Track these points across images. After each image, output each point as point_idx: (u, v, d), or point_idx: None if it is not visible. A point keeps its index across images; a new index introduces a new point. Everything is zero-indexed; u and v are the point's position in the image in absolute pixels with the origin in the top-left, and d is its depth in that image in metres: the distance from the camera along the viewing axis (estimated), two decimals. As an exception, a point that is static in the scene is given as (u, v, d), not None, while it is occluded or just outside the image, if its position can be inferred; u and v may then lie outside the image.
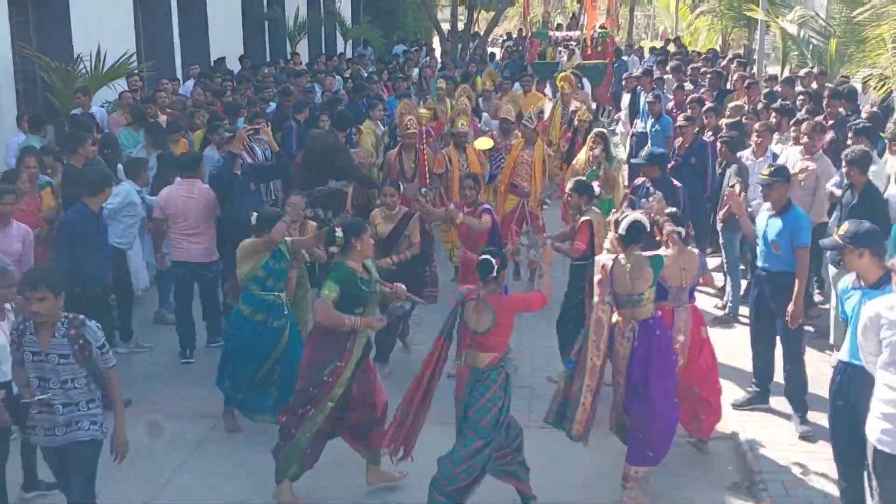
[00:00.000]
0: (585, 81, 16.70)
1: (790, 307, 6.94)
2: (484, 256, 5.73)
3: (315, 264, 8.01)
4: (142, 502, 6.15)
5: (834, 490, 5.99)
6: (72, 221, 7.43)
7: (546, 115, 11.93)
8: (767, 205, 7.24)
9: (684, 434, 6.88)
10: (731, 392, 7.54)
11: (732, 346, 8.34)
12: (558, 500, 6.20)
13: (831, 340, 8.35)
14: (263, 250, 6.76)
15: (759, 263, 7.33)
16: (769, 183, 7.09)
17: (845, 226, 5.52)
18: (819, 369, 7.62)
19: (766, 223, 7.20)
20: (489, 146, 10.84)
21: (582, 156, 9.96)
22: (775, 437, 6.99)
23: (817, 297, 9.65)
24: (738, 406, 7.46)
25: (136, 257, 9.19)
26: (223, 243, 8.33)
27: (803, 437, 6.98)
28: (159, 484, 6.39)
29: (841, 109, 11.22)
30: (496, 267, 5.66)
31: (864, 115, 10.73)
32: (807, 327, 7.83)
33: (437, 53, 26.71)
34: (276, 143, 9.44)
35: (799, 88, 13.54)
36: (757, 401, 7.48)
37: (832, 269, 8.41)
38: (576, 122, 11.87)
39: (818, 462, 6.52)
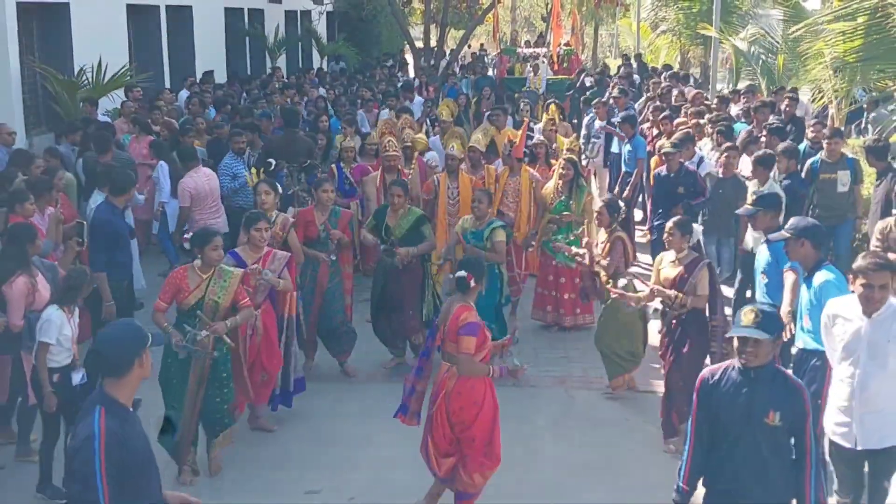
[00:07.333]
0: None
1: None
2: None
3: None
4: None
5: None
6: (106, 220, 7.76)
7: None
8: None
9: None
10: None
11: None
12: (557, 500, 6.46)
13: None
14: None
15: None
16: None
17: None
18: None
19: (757, 252, 6.98)
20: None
21: (550, 184, 9.52)
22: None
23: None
24: None
25: (135, 260, 9.99)
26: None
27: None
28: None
29: (773, 118, 12.15)
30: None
31: (810, 125, 11.47)
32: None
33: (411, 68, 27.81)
34: None
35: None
36: None
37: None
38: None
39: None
